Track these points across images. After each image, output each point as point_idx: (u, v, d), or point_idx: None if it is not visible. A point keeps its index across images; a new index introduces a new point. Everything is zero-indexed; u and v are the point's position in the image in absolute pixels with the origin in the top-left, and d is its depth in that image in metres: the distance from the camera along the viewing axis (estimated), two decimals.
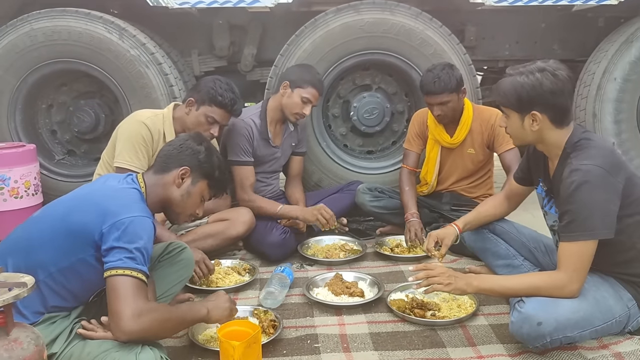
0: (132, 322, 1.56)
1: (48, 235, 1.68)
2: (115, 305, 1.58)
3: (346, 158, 3.74)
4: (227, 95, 2.67)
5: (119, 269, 1.59)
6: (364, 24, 3.45)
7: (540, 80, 1.82)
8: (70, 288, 1.72)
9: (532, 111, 1.86)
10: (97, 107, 3.74)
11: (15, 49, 3.45)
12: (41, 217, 1.79)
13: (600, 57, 3.75)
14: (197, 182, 1.93)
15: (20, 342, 1.37)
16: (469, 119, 3.04)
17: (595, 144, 1.87)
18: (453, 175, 3.18)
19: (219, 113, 2.68)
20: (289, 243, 2.91)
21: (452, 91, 2.90)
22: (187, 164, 1.91)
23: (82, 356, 1.63)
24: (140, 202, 1.77)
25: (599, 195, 1.77)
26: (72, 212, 1.71)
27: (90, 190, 1.84)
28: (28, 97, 3.63)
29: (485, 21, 4.02)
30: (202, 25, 3.91)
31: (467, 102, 3.07)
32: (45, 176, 3.61)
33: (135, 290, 1.59)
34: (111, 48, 3.42)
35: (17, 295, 1.36)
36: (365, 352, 1.95)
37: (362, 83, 3.76)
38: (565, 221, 1.82)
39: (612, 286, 1.92)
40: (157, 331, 1.64)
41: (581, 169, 1.78)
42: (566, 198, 1.80)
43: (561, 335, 1.79)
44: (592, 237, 1.79)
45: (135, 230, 1.64)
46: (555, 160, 1.94)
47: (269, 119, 3.08)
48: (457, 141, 3.07)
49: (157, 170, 1.92)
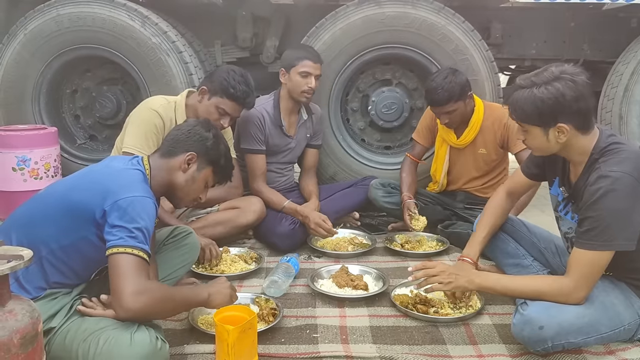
0: (132, 299, 1.57)
1: (50, 212, 1.71)
2: (116, 282, 1.59)
3: (363, 153, 3.71)
4: (239, 87, 2.62)
5: (120, 247, 1.60)
6: (385, 17, 3.42)
7: (562, 91, 1.70)
8: (72, 265, 1.74)
9: (557, 124, 1.74)
10: (119, 94, 3.81)
11: (42, 34, 3.52)
12: (45, 194, 1.82)
13: (629, 58, 3.64)
14: (203, 168, 1.93)
15: (15, 313, 1.39)
16: (479, 119, 2.96)
17: (625, 148, 1.77)
18: (464, 175, 3.12)
19: (230, 105, 2.64)
20: (299, 234, 2.90)
21: (457, 99, 2.81)
22: (194, 150, 1.90)
23: (79, 332, 1.64)
24: (142, 183, 1.77)
25: (625, 205, 1.69)
26: (73, 191, 1.73)
27: (93, 169, 1.85)
28: (53, 81, 3.71)
29: (511, 19, 3.94)
30: (225, 16, 3.93)
31: (477, 101, 3.00)
32: (66, 159, 3.69)
33: (136, 268, 1.60)
34: (133, 35, 3.46)
35: (13, 267, 1.38)
36: (363, 345, 1.93)
37: (383, 77, 3.73)
38: (584, 228, 1.74)
39: (623, 292, 1.85)
40: (157, 310, 1.65)
41: (610, 176, 1.70)
42: (590, 205, 1.72)
43: (564, 340, 1.74)
44: (610, 249, 1.72)
45: (136, 209, 1.65)
46: (579, 166, 1.85)
47: (282, 109, 3.08)
48: (464, 142, 3.01)
49: (164, 154, 1.92)
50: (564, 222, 2.00)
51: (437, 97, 2.80)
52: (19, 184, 3.29)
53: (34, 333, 1.41)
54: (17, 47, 3.55)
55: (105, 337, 1.58)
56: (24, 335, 1.37)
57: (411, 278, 2.02)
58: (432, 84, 2.82)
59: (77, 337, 1.64)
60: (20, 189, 3.27)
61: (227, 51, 4.03)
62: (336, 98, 3.62)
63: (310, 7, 3.78)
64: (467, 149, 3.03)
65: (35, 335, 1.42)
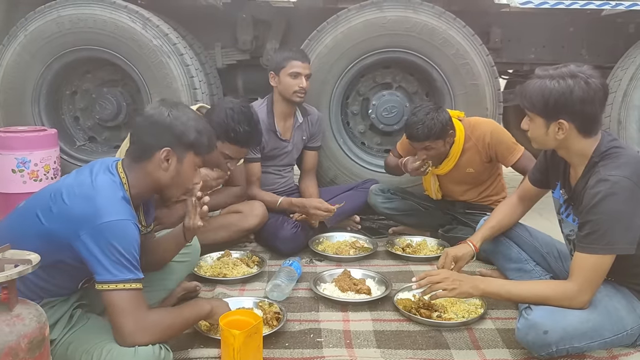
0: (135, 337, 1.55)
1: (27, 233, 1.61)
2: (115, 321, 1.56)
3: (363, 156, 3.72)
4: (240, 129, 2.44)
5: (111, 284, 1.54)
6: (386, 21, 3.43)
7: (572, 88, 1.71)
8: (56, 282, 1.69)
9: (559, 119, 1.76)
10: (119, 96, 3.79)
11: (42, 35, 3.50)
12: (23, 212, 1.71)
13: (628, 64, 3.66)
14: (184, 157, 1.74)
15: (23, 318, 1.39)
16: (458, 150, 2.85)
17: (625, 152, 1.79)
18: (457, 191, 3.07)
19: (233, 149, 2.49)
20: (300, 238, 2.91)
21: (437, 137, 2.71)
22: (165, 144, 1.70)
23: (81, 343, 1.63)
24: (119, 202, 1.63)
25: (625, 209, 1.70)
26: (47, 217, 1.61)
27: (69, 186, 1.65)
28: (53, 83, 3.69)
29: (511, 23, 3.96)
30: (226, 18, 3.93)
31: (458, 127, 2.85)
32: (65, 161, 3.67)
33: (132, 303, 1.55)
34: (134, 37, 3.45)
35: (21, 271, 1.38)
36: (367, 349, 1.94)
37: (383, 81, 3.73)
38: (585, 232, 1.75)
39: (626, 297, 1.87)
40: (162, 338, 1.62)
41: (609, 180, 1.71)
42: (589, 209, 1.73)
43: (568, 345, 1.75)
44: (611, 252, 1.73)
45: (116, 235, 1.55)
46: (579, 169, 1.86)
47: (276, 113, 3.10)
48: (443, 171, 2.94)
49: (136, 159, 1.73)
50: (566, 224, 2.02)
51: (416, 133, 2.70)
52: (19, 185, 3.26)
53: (41, 338, 1.41)
54: (17, 49, 3.53)
55: (109, 348, 1.57)
56: (31, 339, 1.37)
57: (415, 286, 2.02)
58: (413, 119, 2.72)
59: (79, 348, 1.63)
60: (20, 190, 3.24)
61: (227, 54, 4.03)
62: (337, 101, 3.63)
63: (310, 10, 3.79)
64: (453, 171, 2.94)
65: (43, 339, 1.42)
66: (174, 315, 1.72)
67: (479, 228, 2.39)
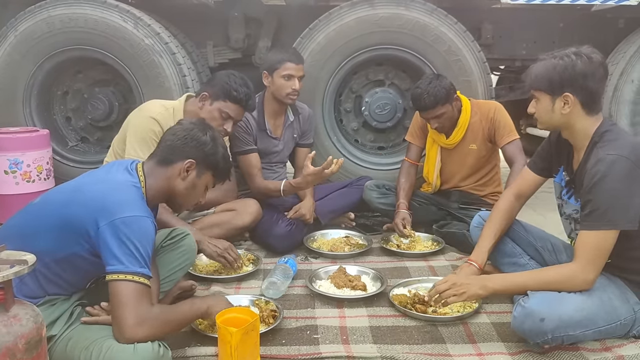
0: (134, 330, 1.56)
1: (44, 225, 1.67)
2: (117, 311, 1.58)
3: (356, 153, 3.73)
4: (241, 90, 2.62)
5: (121, 274, 1.58)
6: (378, 18, 3.44)
7: (574, 62, 1.81)
8: (66, 277, 1.72)
9: (564, 93, 1.83)
10: (111, 95, 3.77)
11: (32, 35, 3.48)
12: (39, 205, 1.77)
13: (618, 59, 3.70)
14: (203, 173, 1.89)
15: (20, 318, 1.38)
16: (466, 118, 2.99)
17: (623, 133, 1.86)
18: (457, 173, 3.13)
19: (234, 108, 2.64)
20: (295, 235, 2.91)
21: (444, 102, 2.85)
22: (192, 157, 1.85)
23: (81, 340, 1.63)
24: (140, 200, 1.72)
25: (624, 187, 1.75)
26: (69, 205, 1.68)
27: (89, 181, 1.78)
28: (44, 83, 3.67)
29: (502, 19, 3.98)
30: (218, 17, 3.92)
31: (464, 100, 3.02)
32: (57, 162, 3.65)
33: (137, 296, 1.58)
34: (126, 37, 3.44)
35: (18, 272, 1.37)
36: (364, 345, 1.95)
37: (375, 78, 3.75)
38: (586, 210, 1.81)
39: (619, 288, 1.90)
40: (158, 335, 1.63)
41: (607, 159, 1.76)
42: (589, 188, 1.78)
43: (563, 333, 1.78)
44: (613, 227, 1.77)
45: (134, 230, 1.61)
46: (581, 152, 1.92)
47: (267, 112, 3.10)
48: (453, 142, 3.04)
49: (161, 162, 1.85)
50: (567, 205, 2.05)
51: (424, 103, 2.83)
52: (11, 187, 3.26)
53: (38, 338, 1.41)
54: (7, 49, 3.51)
55: (108, 345, 1.57)
56: (28, 340, 1.37)
57: (427, 298, 2.05)
58: (418, 91, 2.85)
59: (79, 344, 1.63)
60: (13, 192, 3.24)
61: (219, 52, 4.02)
62: (330, 99, 3.63)
63: (302, 8, 3.78)
64: (458, 147, 3.05)
65: (40, 340, 1.42)
66: (172, 313, 1.73)
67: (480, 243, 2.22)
